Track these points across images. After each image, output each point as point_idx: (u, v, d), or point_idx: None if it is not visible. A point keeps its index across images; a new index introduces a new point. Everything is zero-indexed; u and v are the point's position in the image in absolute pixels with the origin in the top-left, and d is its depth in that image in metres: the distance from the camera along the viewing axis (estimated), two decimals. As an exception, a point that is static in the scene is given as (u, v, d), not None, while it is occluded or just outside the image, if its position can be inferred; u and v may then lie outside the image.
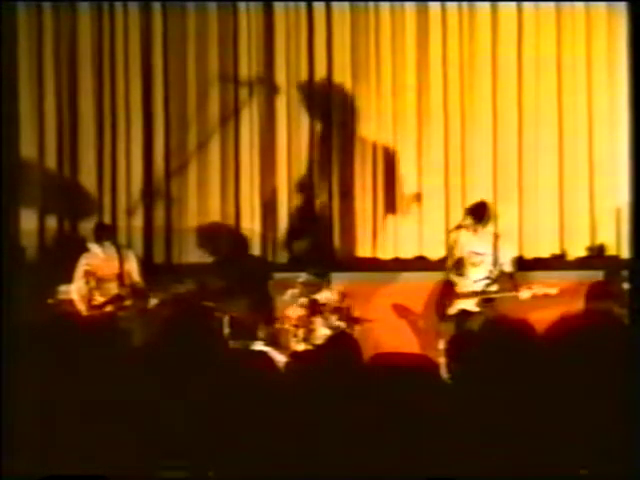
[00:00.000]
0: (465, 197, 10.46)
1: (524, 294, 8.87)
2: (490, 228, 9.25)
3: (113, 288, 9.29)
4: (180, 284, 9.77)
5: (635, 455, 3.26)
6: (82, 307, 9.21)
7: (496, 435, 3.34)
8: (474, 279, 9.14)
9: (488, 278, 9.09)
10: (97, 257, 9.39)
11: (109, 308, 9.18)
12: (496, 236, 9.22)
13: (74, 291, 9.36)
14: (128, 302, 9.19)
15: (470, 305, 9.07)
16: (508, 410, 3.38)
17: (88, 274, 9.35)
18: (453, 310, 9.15)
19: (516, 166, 10.48)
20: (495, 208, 9.63)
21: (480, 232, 9.16)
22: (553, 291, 8.92)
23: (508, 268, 9.12)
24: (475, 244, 9.17)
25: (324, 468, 3.38)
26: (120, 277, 9.29)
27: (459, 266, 9.24)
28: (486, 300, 9.03)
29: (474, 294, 9.08)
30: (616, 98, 10.24)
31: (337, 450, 3.40)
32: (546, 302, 8.69)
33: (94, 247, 9.39)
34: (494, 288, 9.06)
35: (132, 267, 9.44)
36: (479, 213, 9.22)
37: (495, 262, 9.09)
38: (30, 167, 10.66)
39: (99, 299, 9.26)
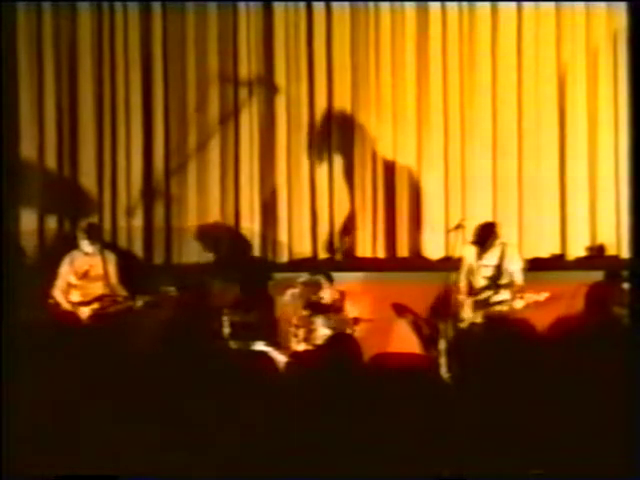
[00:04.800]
0: (465, 197, 10.46)
1: (518, 304, 8.86)
2: (498, 240, 9.23)
3: (95, 288, 9.38)
4: (180, 284, 9.76)
5: (635, 455, 3.27)
6: (65, 306, 9.27)
7: (496, 435, 3.34)
8: (482, 289, 9.10)
9: (496, 287, 9.06)
10: (80, 257, 9.50)
11: (89, 308, 9.23)
12: (504, 245, 9.20)
13: (56, 290, 9.44)
14: (108, 303, 9.26)
15: (473, 314, 9.05)
16: (508, 410, 3.38)
17: (69, 273, 9.45)
18: (457, 316, 9.13)
19: (516, 166, 10.47)
20: (498, 226, 9.51)
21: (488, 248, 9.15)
22: (541, 298, 8.87)
23: (518, 277, 9.07)
24: (484, 256, 9.15)
25: (324, 468, 3.39)
26: (104, 277, 9.40)
27: (469, 276, 9.20)
28: (489, 310, 9.00)
29: (478, 303, 9.05)
30: (616, 98, 10.23)
31: (337, 450, 3.40)
32: (546, 302, 8.68)
33: (84, 246, 9.48)
34: (501, 297, 9.03)
35: (111, 269, 9.52)
36: (482, 237, 9.19)
37: (504, 271, 9.07)
38: (30, 167, 10.66)
39: (80, 298, 9.35)
